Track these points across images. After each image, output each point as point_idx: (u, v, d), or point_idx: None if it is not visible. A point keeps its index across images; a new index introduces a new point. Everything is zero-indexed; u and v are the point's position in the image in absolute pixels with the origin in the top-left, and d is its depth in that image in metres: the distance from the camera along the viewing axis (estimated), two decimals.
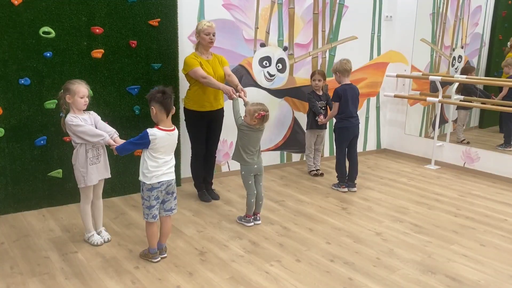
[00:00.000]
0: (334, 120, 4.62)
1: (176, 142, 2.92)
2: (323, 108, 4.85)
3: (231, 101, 3.59)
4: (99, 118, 3.16)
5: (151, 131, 2.76)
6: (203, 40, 3.79)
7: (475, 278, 2.85)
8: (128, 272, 2.82)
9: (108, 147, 3.08)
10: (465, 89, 5.91)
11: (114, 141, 3.05)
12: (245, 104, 3.57)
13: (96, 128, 3.09)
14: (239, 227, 3.55)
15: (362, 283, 2.76)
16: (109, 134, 3.07)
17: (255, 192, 3.59)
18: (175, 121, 4.22)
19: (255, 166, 3.54)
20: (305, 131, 5.09)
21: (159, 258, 2.95)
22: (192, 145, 4.03)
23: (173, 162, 2.92)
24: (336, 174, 4.57)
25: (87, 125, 2.99)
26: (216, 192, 4.24)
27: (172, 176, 2.89)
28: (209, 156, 4.11)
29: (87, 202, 3.15)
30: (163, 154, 2.82)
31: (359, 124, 4.51)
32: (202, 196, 4.11)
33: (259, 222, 3.65)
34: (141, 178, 2.84)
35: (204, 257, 3.03)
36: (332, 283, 2.74)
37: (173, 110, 2.82)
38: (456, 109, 6.05)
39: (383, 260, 3.05)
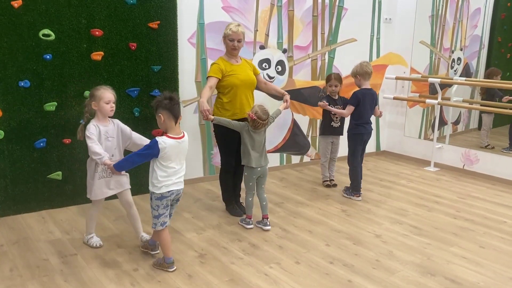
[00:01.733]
0: (348, 125, 4.39)
1: (187, 149, 2.81)
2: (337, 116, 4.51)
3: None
4: (127, 127, 3.09)
5: (161, 139, 2.65)
6: (227, 46, 3.60)
7: (474, 280, 2.86)
8: (127, 274, 2.82)
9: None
10: (489, 93, 5.87)
11: None
12: (276, 112, 3.66)
13: (132, 138, 3.06)
14: (238, 230, 3.55)
15: (361, 285, 2.76)
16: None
17: (254, 192, 3.59)
18: None
19: (259, 168, 3.52)
20: (318, 137, 4.82)
21: (175, 268, 2.86)
22: (221, 157, 3.79)
23: (184, 171, 2.83)
24: (350, 182, 4.37)
25: (95, 140, 2.88)
26: (243, 205, 3.87)
27: (182, 186, 2.83)
28: (238, 168, 3.77)
29: (96, 210, 3.15)
30: (173, 163, 2.73)
31: (371, 131, 4.33)
32: (232, 210, 3.83)
33: (269, 227, 3.54)
34: (150, 188, 2.76)
35: (203, 259, 3.03)
36: (332, 285, 2.74)
37: (181, 117, 2.77)
38: (481, 114, 5.98)
39: (383, 262, 3.05)
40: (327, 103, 4.41)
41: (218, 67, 3.57)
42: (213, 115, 3.50)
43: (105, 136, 2.97)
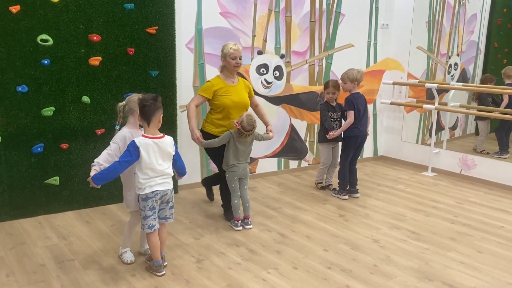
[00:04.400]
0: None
1: (170, 150, 2.80)
2: (337, 119, 4.53)
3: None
4: None
5: (137, 140, 2.68)
6: (229, 64, 3.60)
7: (472, 285, 2.85)
8: (124, 279, 2.81)
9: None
10: (480, 99, 5.92)
11: None
12: (263, 137, 3.70)
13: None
14: (236, 235, 3.54)
15: None
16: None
17: (239, 194, 3.64)
18: (173, 128, 4.23)
19: (239, 170, 3.59)
20: (319, 144, 4.81)
21: (164, 272, 2.87)
22: (217, 167, 3.81)
23: (170, 172, 2.82)
24: (338, 181, 4.54)
25: (112, 149, 2.79)
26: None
27: (168, 186, 2.81)
28: None
29: (136, 224, 3.03)
30: (154, 164, 2.71)
31: (367, 135, 4.48)
32: (229, 217, 3.81)
33: (250, 226, 3.66)
34: (136, 190, 2.78)
35: (201, 265, 3.02)
36: None
37: (158, 122, 2.73)
38: (475, 120, 6.02)
39: (380, 267, 3.05)
40: (335, 131, 4.43)
41: (211, 87, 3.61)
42: (205, 131, 3.71)
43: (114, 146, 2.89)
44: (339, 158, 4.56)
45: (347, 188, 4.49)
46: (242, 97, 3.70)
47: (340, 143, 4.63)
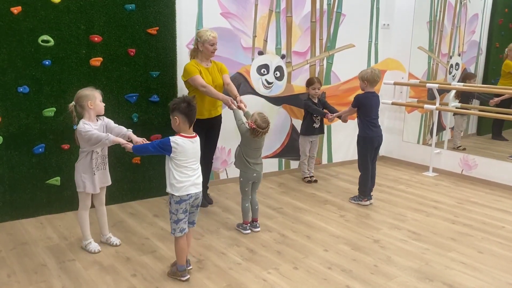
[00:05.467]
0: (358, 130, 4.39)
1: (199, 150, 2.82)
2: (318, 116, 4.93)
3: (231, 110, 3.60)
4: (111, 121, 3.17)
5: (173, 138, 2.68)
6: (207, 50, 3.81)
7: (472, 286, 2.85)
8: (125, 280, 2.81)
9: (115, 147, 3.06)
10: (464, 95, 5.94)
11: (129, 137, 3.04)
12: (245, 114, 3.60)
13: (112, 131, 3.10)
14: (236, 235, 3.55)
15: None
16: (123, 134, 3.09)
17: (250, 197, 3.62)
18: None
19: (254, 174, 3.54)
20: (299, 136, 5.10)
21: (188, 276, 2.82)
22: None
23: (200, 172, 2.82)
24: (358, 187, 4.39)
25: (92, 129, 2.98)
26: (211, 197, 4.29)
27: (200, 188, 2.81)
28: (207, 162, 4.09)
29: (85, 209, 3.15)
30: (189, 163, 2.73)
31: (382, 136, 4.34)
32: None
33: (258, 229, 3.64)
34: (169, 190, 2.73)
35: (201, 265, 3.03)
36: None
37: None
38: (453, 115, 6.08)
39: (381, 268, 3.05)
40: (330, 114, 4.73)
41: (196, 66, 3.79)
42: None
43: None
44: (358, 164, 4.41)
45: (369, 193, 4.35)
46: (217, 78, 3.90)
47: (318, 137, 5.08)
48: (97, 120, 3.10)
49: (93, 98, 3.01)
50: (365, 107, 4.22)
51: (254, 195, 3.65)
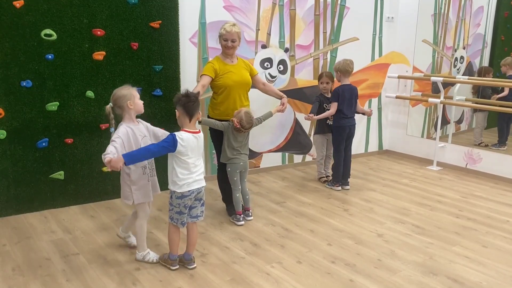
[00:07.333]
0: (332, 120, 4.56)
1: (202, 146, 2.83)
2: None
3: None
4: (149, 125, 3.00)
5: (178, 134, 2.67)
6: (221, 45, 3.60)
7: (477, 280, 2.84)
8: (129, 273, 2.82)
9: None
10: (483, 90, 5.91)
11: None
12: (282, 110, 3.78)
13: (155, 132, 2.95)
14: (240, 229, 3.55)
15: (363, 284, 2.75)
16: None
17: (240, 187, 3.66)
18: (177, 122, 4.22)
19: (241, 163, 3.61)
20: (313, 136, 4.94)
21: (178, 266, 2.87)
22: (217, 156, 3.76)
23: (202, 168, 2.83)
24: (332, 173, 4.64)
25: (116, 142, 2.68)
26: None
27: (203, 183, 2.81)
28: None
29: (145, 218, 2.96)
30: (192, 159, 2.72)
31: (355, 125, 4.53)
32: (230, 211, 3.79)
33: (251, 218, 3.71)
34: (170, 187, 2.74)
35: (205, 259, 3.03)
36: (333, 285, 2.74)
37: (199, 116, 2.76)
38: (473, 113, 6.05)
39: (385, 262, 3.05)
40: (313, 114, 4.45)
41: (212, 66, 3.57)
42: (208, 114, 3.69)
43: (140, 135, 2.85)
44: (332, 151, 4.65)
45: (342, 179, 4.57)
46: (243, 76, 3.65)
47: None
48: (138, 122, 2.89)
49: (132, 97, 2.79)
50: (340, 99, 4.36)
51: (244, 184, 3.70)
